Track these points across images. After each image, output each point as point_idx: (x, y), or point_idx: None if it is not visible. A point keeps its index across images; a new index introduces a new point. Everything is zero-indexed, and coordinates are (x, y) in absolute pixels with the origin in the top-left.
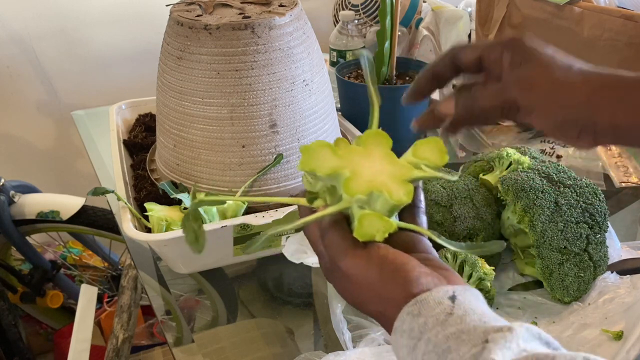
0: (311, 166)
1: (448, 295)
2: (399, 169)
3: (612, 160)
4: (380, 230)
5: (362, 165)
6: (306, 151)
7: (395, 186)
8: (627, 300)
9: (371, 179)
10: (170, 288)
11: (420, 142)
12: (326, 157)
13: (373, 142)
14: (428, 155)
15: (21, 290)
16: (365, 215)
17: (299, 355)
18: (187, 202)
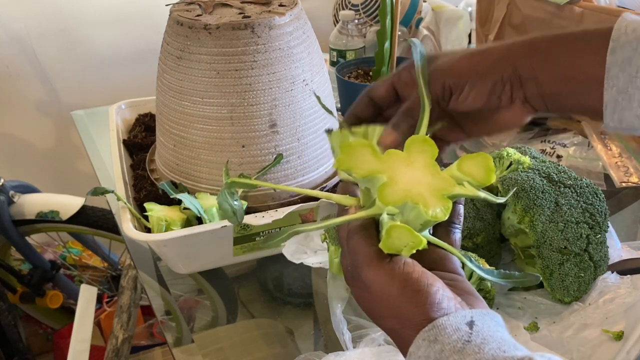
0: (348, 165)
1: (466, 321)
2: (440, 182)
3: (612, 160)
4: (409, 245)
5: (402, 172)
6: (346, 149)
7: (433, 200)
8: (628, 301)
9: (408, 188)
10: (170, 288)
11: (468, 157)
12: (366, 157)
13: (417, 149)
14: (474, 171)
15: (21, 290)
16: (394, 227)
17: (299, 355)
18: (187, 202)
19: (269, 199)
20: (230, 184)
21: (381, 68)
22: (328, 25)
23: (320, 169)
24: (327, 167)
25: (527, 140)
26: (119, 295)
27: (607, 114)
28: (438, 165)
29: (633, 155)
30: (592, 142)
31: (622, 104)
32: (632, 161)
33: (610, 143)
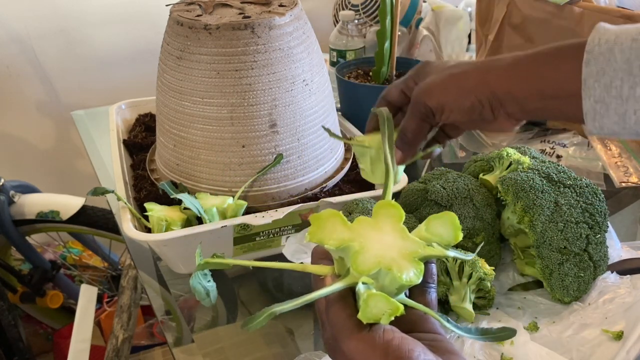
0: (320, 237)
1: None
2: (410, 244)
3: (612, 160)
4: (387, 312)
5: (372, 239)
6: (316, 220)
7: (405, 264)
8: (627, 300)
9: (381, 254)
10: (170, 288)
11: (434, 217)
12: (336, 227)
13: (385, 214)
14: (441, 231)
15: (21, 290)
16: (371, 295)
17: (299, 355)
18: (187, 202)
19: (269, 198)
20: (204, 265)
21: (381, 68)
22: (328, 25)
23: (320, 169)
24: (327, 167)
25: (527, 140)
26: (119, 295)
27: (588, 122)
28: (406, 228)
29: (633, 155)
30: (591, 142)
31: (601, 112)
32: (632, 161)
33: (610, 143)
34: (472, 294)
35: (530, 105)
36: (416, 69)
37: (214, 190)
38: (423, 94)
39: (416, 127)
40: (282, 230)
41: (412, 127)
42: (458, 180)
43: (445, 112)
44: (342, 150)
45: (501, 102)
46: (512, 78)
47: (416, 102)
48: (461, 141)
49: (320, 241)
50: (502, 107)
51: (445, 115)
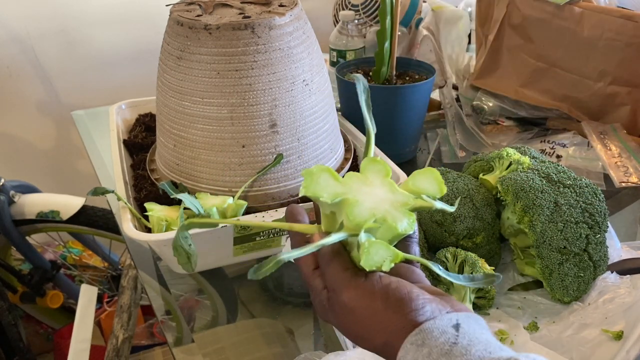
0: (314, 191)
1: (452, 324)
2: (401, 197)
3: (612, 160)
4: (387, 259)
5: (364, 192)
6: (308, 175)
7: (398, 214)
8: (627, 300)
9: (374, 206)
10: (170, 288)
11: (418, 173)
12: (328, 182)
13: (372, 170)
14: (426, 186)
15: (21, 290)
16: (372, 243)
17: (299, 355)
18: (187, 202)
19: (269, 198)
20: (187, 225)
21: (381, 68)
22: (328, 25)
23: None
24: None
25: (527, 140)
26: (119, 295)
27: None
28: (394, 182)
29: (633, 155)
30: (591, 142)
31: None
32: (632, 161)
33: (610, 143)
34: (472, 293)
35: None
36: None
37: (214, 190)
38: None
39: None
40: (282, 230)
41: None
42: (458, 180)
43: None
44: (342, 150)
45: None
46: None
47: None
48: (461, 141)
49: (315, 194)
50: None
51: None
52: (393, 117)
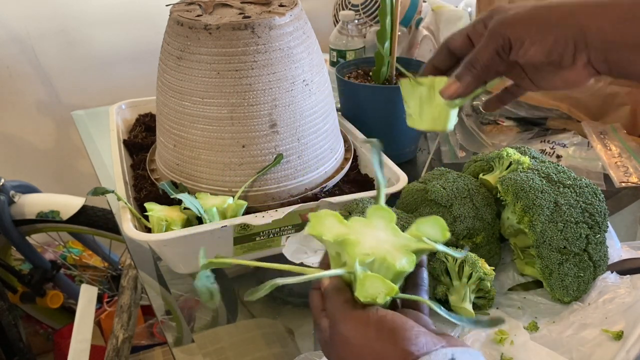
0: (318, 231)
1: (447, 359)
2: (402, 239)
3: (612, 160)
4: (382, 292)
5: (367, 234)
6: (315, 218)
7: (398, 254)
8: (627, 300)
9: (375, 246)
10: (170, 288)
11: (422, 220)
12: (333, 224)
13: (377, 216)
14: (429, 231)
15: (21, 290)
16: (367, 276)
17: (299, 355)
18: (187, 202)
19: (269, 199)
20: (207, 264)
21: (381, 68)
22: (328, 25)
23: (320, 169)
24: (327, 167)
25: (527, 140)
26: (119, 295)
27: None
28: (398, 228)
29: (633, 155)
30: (591, 142)
31: None
32: (632, 161)
33: (610, 143)
34: (472, 294)
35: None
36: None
37: (214, 190)
38: (503, 24)
39: (488, 60)
40: (282, 230)
41: (485, 58)
42: (458, 180)
43: (525, 46)
44: (342, 150)
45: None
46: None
47: (494, 33)
48: (461, 141)
49: (319, 234)
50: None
51: (524, 50)
52: (393, 117)
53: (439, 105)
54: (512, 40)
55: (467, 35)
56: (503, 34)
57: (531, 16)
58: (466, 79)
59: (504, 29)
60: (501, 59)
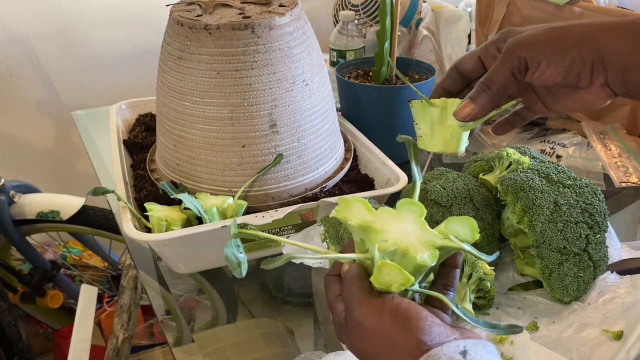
0: (344, 215)
1: (459, 350)
2: (429, 234)
3: (612, 160)
4: (398, 281)
5: (393, 225)
6: (343, 202)
7: (421, 248)
8: (627, 300)
9: (400, 237)
10: (170, 288)
11: (453, 219)
12: (360, 210)
13: (407, 209)
14: (459, 230)
15: (21, 290)
16: (385, 264)
17: (299, 355)
18: (187, 202)
19: (269, 199)
20: (237, 234)
21: (381, 68)
22: (328, 25)
23: (320, 169)
24: (327, 167)
25: (527, 140)
26: (119, 295)
27: None
28: (426, 223)
29: (633, 155)
30: (591, 142)
31: None
32: (632, 161)
33: (610, 143)
34: (472, 294)
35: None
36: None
37: (214, 190)
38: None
39: (504, 81)
40: (282, 230)
41: (500, 79)
42: (458, 180)
43: (541, 67)
44: (342, 150)
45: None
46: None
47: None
48: None
49: (345, 219)
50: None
51: (540, 72)
52: (393, 117)
53: (451, 127)
54: (528, 61)
55: (478, 57)
56: (519, 55)
57: (547, 37)
58: (481, 100)
59: (519, 50)
60: (516, 80)
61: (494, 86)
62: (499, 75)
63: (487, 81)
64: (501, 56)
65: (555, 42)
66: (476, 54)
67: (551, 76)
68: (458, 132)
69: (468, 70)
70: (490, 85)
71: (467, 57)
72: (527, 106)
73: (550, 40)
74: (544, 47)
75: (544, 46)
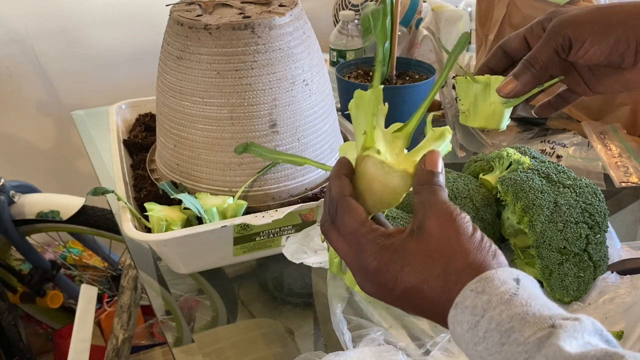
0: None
1: (513, 277)
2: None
3: (612, 160)
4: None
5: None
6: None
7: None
8: (627, 300)
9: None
10: (170, 288)
11: None
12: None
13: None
14: None
15: (21, 290)
16: None
17: (299, 355)
18: (187, 202)
19: (269, 199)
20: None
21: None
22: (328, 25)
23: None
24: None
25: (527, 140)
26: (119, 295)
27: None
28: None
29: (633, 155)
30: (591, 142)
31: None
32: (632, 161)
33: (610, 143)
34: None
35: None
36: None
37: (214, 190)
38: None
39: (547, 59)
40: (282, 230)
41: (544, 57)
42: (458, 180)
43: (585, 45)
44: None
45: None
46: None
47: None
48: (461, 141)
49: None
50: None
51: (584, 50)
52: (393, 117)
53: (493, 103)
54: (572, 39)
55: (523, 37)
56: (563, 33)
57: (592, 16)
58: (524, 77)
59: (564, 28)
60: (560, 58)
61: (537, 64)
62: (543, 53)
63: (531, 59)
64: (546, 34)
65: (600, 21)
66: (521, 34)
67: (595, 55)
68: (500, 108)
69: (513, 49)
70: (534, 63)
71: (513, 36)
72: (570, 88)
73: (595, 19)
74: (589, 26)
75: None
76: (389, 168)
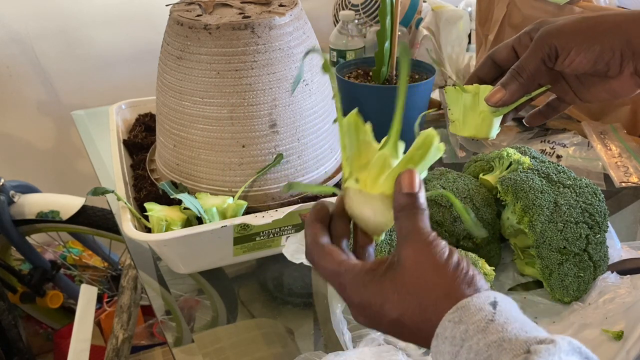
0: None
1: (489, 301)
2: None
3: (612, 160)
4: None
5: None
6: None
7: None
8: (627, 300)
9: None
10: (170, 288)
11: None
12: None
13: None
14: None
15: (21, 290)
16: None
17: (299, 355)
18: (187, 202)
19: (269, 199)
20: None
21: (381, 68)
22: (328, 25)
23: (320, 169)
24: (327, 167)
25: (527, 140)
26: (119, 295)
27: None
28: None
29: (633, 155)
30: (591, 142)
31: None
32: (632, 161)
33: (610, 143)
34: None
35: None
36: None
37: (214, 190)
38: (550, 34)
39: (534, 68)
40: (282, 230)
41: (531, 66)
42: (458, 180)
43: (571, 54)
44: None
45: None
46: None
47: (541, 42)
48: (461, 141)
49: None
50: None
51: (570, 59)
52: (393, 117)
53: (482, 112)
54: (559, 48)
55: (512, 46)
56: (550, 43)
57: (578, 26)
58: (512, 86)
59: (550, 38)
60: (547, 68)
61: (524, 73)
62: (530, 63)
63: (519, 68)
64: (533, 44)
65: (585, 31)
66: (510, 44)
67: (580, 64)
68: (489, 117)
69: (502, 59)
70: (521, 72)
71: (501, 46)
72: (559, 96)
73: (581, 29)
74: (575, 35)
75: (574, 34)
76: (367, 195)
